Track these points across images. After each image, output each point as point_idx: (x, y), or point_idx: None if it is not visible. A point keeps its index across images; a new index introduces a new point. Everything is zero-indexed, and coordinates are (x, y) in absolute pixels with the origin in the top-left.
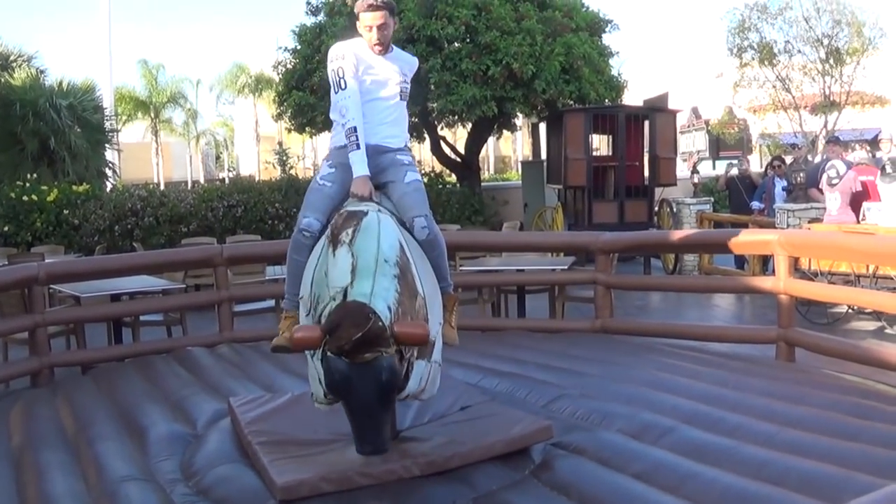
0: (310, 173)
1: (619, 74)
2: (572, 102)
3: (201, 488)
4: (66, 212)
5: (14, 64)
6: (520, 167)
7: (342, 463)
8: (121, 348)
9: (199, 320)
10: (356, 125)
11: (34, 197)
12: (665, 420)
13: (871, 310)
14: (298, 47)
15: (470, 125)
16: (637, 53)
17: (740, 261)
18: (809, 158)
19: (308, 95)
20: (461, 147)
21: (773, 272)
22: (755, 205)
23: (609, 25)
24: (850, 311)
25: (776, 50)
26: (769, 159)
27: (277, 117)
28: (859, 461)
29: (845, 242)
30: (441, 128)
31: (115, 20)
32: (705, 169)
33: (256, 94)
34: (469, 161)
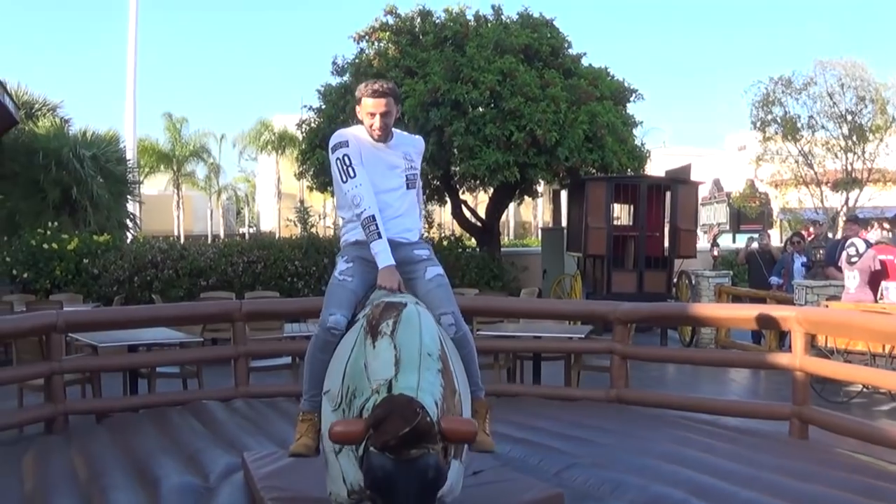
0: (330, 232)
1: (643, 144)
2: (595, 171)
3: None
4: (86, 261)
5: (39, 112)
6: (540, 233)
7: None
8: (136, 398)
9: (216, 374)
10: (373, 213)
11: (55, 245)
12: (676, 493)
13: (886, 390)
14: (323, 106)
15: (491, 190)
16: (660, 123)
17: (757, 335)
18: (830, 235)
19: None
20: (482, 211)
21: (790, 348)
22: (774, 280)
23: (634, 95)
24: (865, 390)
25: (799, 125)
26: (789, 235)
27: (300, 175)
28: None
29: (863, 321)
30: (462, 191)
31: (141, 73)
32: (725, 242)
33: (279, 152)
34: (489, 226)
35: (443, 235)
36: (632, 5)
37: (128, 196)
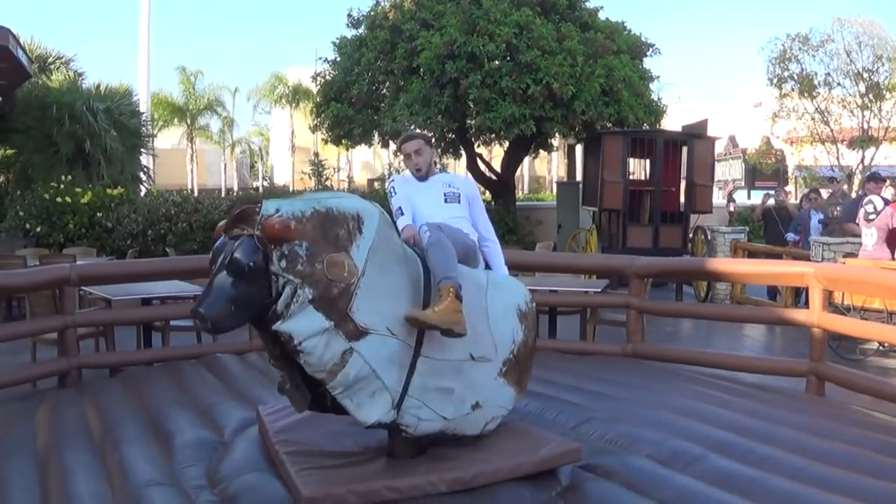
0: (344, 185)
1: (659, 99)
2: (610, 125)
3: (226, 496)
4: (100, 214)
5: (52, 66)
6: (555, 188)
7: (369, 476)
8: (150, 352)
9: None
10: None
11: (68, 199)
12: (694, 448)
13: None
14: (338, 59)
15: (507, 143)
16: (676, 78)
17: (773, 292)
18: (846, 191)
19: (346, 107)
20: (497, 165)
21: (806, 304)
22: (790, 236)
23: (651, 49)
24: (882, 348)
25: (816, 82)
26: (806, 191)
27: (314, 128)
28: (886, 500)
29: (880, 279)
30: (478, 145)
31: (155, 27)
32: (740, 198)
33: (293, 105)
34: (505, 180)
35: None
36: None
37: (141, 149)
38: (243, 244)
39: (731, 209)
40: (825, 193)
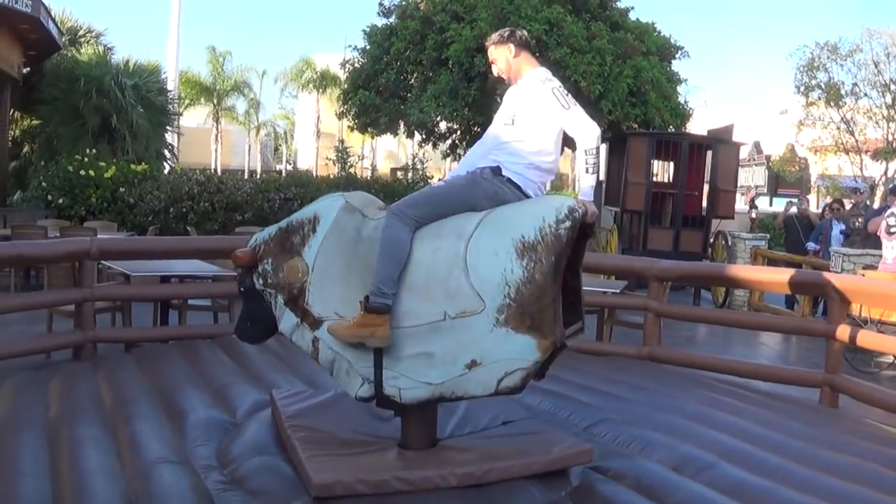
0: (367, 173)
1: (686, 102)
2: (636, 126)
3: (236, 477)
4: (123, 189)
5: (82, 39)
6: (577, 186)
7: (379, 466)
8: (166, 329)
9: None
10: None
11: (91, 172)
12: (706, 455)
13: None
14: (368, 47)
15: None
16: (703, 81)
17: (791, 300)
18: (868, 204)
19: (373, 96)
20: None
21: (824, 314)
22: (811, 246)
23: (679, 52)
24: None
25: (843, 92)
26: (828, 201)
27: (340, 115)
28: None
29: None
30: None
31: (186, 5)
32: (762, 205)
33: (320, 90)
34: None
35: None
36: None
37: (167, 127)
38: (239, 275)
39: (754, 215)
40: (847, 204)
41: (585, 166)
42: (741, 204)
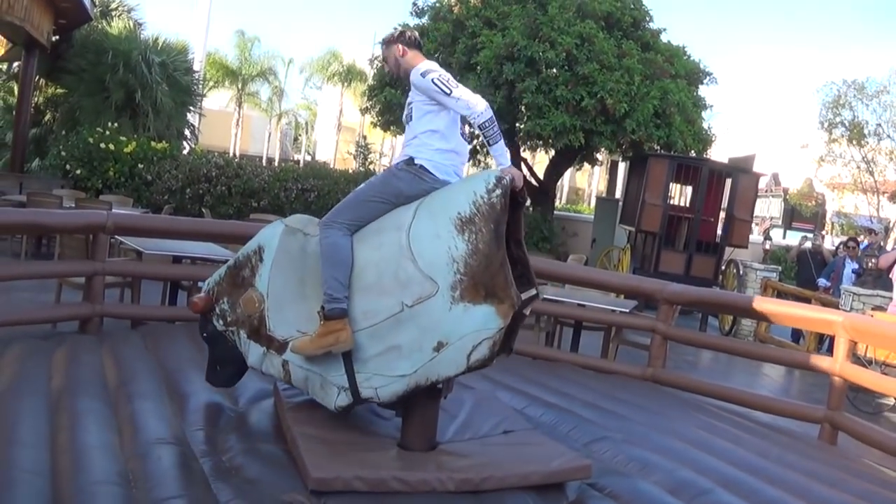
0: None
1: (710, 128)
2: (658, 147)
3: (233, 464)
4: (141, 166)
5: (114, 12)
6: (594, 201)
7: (379, 464)
8: (174, 310)
9: None
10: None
11: (111, 146)
12: (703, 480)
13: None
14: None
15: (553, 152)
16: (728, 108)
17: (797, 334)
18: (882, 245)
19: (399, 94)
20: (540, 172)
21: (829, 351)
22: (822, 282)
23: (708, 78)
24: None
25: (866, 131)
26: (843, 239)
27: (364, 111)
28: None
29: None
30: (524, 150)
31: None
32: (776, 237)
33: (345, 84)
34: (546, 187)
35: None
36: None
37: (190, 107)
38: (200, 322)
39: (767, 247)
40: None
41: (486, 139)
42: (755, 234)
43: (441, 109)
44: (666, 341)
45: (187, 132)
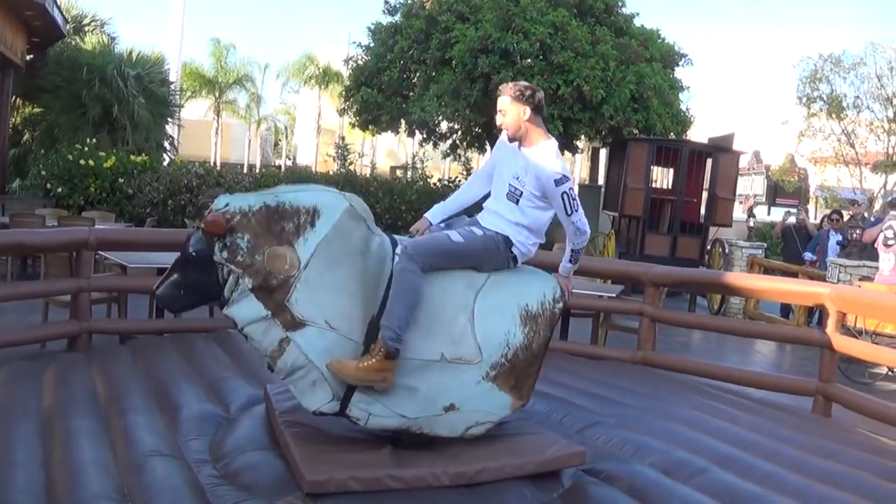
0: (367, 170)
1: (688, 109)
2: (637, 132)
3: (228, 472)
4: (122, 180)
5: (87, 28)
6: (577, 190)
7: (373, 463)
8: (161, 322)
9: None
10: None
11: (91, 162)
12: (698, 460)
13: None
14: (372, 44)
15: None
16: (705, 89)
17: (786, 309)
18: (866, 216)
19: (376, 93)
20: None
21: (819, 324)
22: (808, 256)
23: (683, 59)
24: (890, 373)
25: (845, 104)
26: (827, 212)
27: (342, 112)
28: None
29: None
30: None
31: None
32: (760, 214)
33: (322, 86)
34: None
35: None
36: None
37: (168, 118)
38: (192, 235)
39: (751, 224)
40: (845, 216)
41: (570, 257)
42: (739, 212)
43: (549, 209)
44: (654, 324)
45: (166, 144)
